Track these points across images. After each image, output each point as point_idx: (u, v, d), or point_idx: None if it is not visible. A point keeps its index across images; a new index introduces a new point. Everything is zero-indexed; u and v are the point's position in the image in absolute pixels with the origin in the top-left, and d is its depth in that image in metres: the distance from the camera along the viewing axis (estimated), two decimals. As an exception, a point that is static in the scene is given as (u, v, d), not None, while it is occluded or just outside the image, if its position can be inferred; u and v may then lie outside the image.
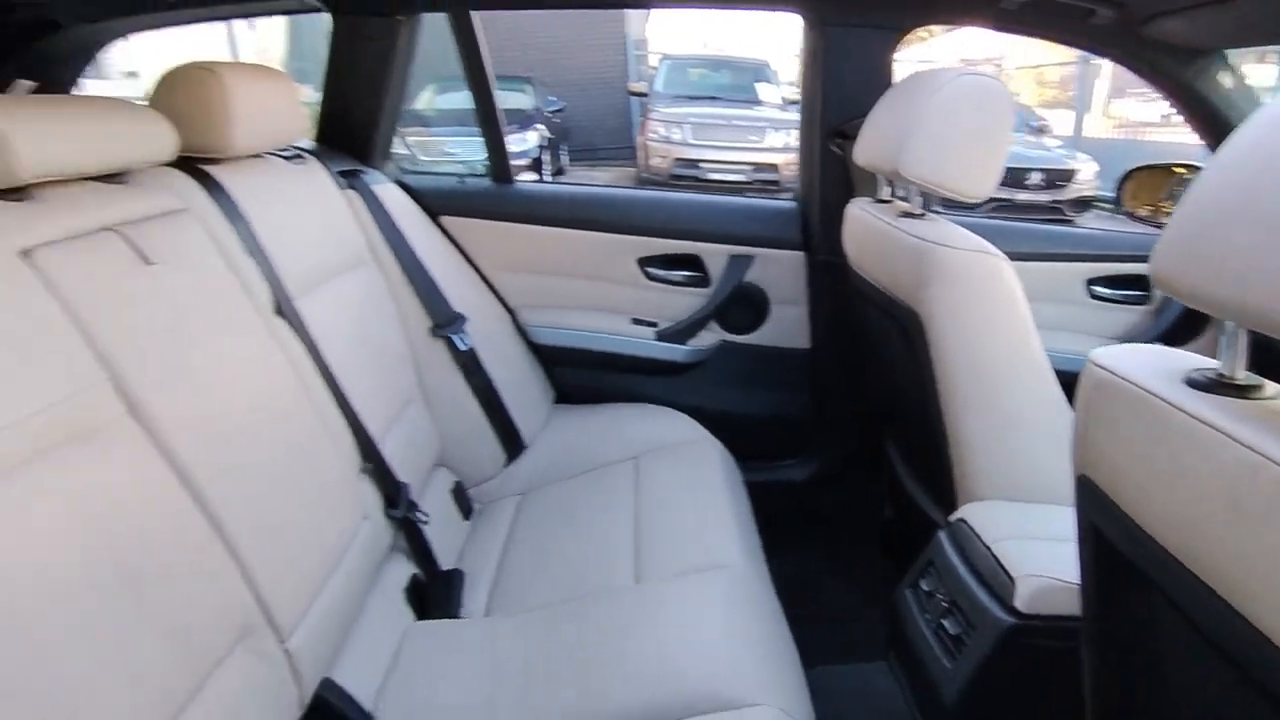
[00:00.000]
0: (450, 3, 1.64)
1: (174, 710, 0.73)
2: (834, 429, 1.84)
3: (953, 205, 1.26)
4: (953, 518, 1.12)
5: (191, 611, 0.78)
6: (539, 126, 8.18)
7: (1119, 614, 0.70)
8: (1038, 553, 0.96)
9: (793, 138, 5.46)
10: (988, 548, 1.01)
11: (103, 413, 0.77)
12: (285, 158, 1.39)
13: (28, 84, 1.49)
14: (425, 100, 8.06)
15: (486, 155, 1.84)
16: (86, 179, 0.93)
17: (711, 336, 1.84)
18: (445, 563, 1.34)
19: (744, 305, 1.81)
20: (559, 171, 9.09)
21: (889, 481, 1.58)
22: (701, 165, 7.43)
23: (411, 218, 1.67)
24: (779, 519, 1.58)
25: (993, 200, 6.89)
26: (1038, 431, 1.14)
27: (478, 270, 1.81)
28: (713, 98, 8.06)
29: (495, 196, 1.84)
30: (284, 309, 1.16)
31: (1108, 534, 0.66)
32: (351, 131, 1.71)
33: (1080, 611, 0.77)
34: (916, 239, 1.16)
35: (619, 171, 9.56)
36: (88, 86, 1.76)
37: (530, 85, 8.87)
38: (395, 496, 1.26)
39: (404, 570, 1.26)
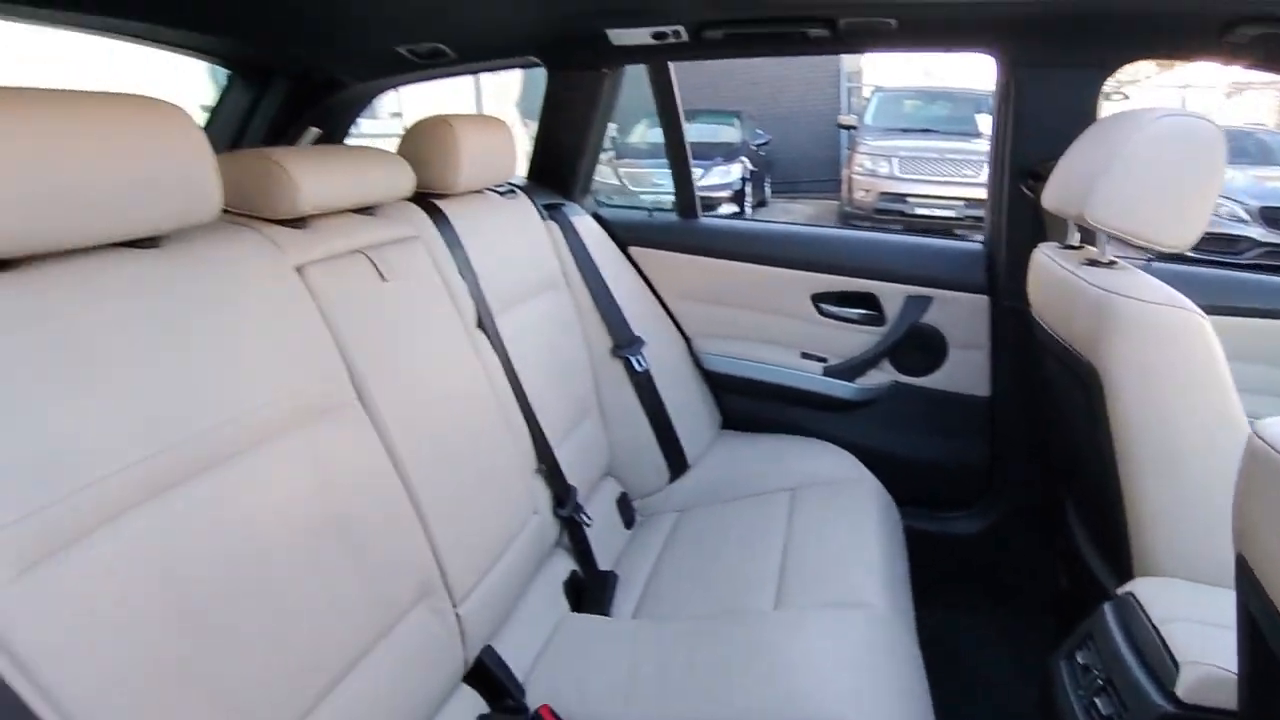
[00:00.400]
0: (649, 56, 1.80)
1: (366, 644, 0.89)
2: (1011, 484, 1.73)
3: (1207, 250, 1.16)
4: (1121, 590, 1.03)
5: (387, 563, 0.95)
6: (743, 159, 8.33)
7: (1273, 714, 0.64)
8: (1211, 639, 0.88)
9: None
10: (1155, 627, 0.93)
11: (339, 397, 0.97)
12: (500, 193, 1.61)
13: (315, 131, 1.85)
14: (639, 134, 8.52)
15: (674, 190, 1.98)
16: (347, 211, 1.16)
17: (883, 376, 1.81)
18: (603, 564, 1.45)
19: (920, 347, 1.77)
20: (760, 204, 9.15)
21: (1065, 545, 1.47)
22: (909, 200, 7.10)
23: (603, 247, 1.84)
24: (941, 571, 1.52)
25: (1261, 245, 5.95)
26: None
27: (659, 298, 1.94)
28: (926, 130, 7.66)
29: (680, 230, 1.96)
30: (485, 323, 1.35)
31: (1261, 622, 0.61)
32: (557, 169, 1.92)
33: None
34: (1098, 289, 1.09)
35: (821, 205, 9.41)
36: (363, 125, 2.13)
37: (739, 119, 9.06)
38: (564, 497, 1.40)
39: (565, 565, 1.39)
